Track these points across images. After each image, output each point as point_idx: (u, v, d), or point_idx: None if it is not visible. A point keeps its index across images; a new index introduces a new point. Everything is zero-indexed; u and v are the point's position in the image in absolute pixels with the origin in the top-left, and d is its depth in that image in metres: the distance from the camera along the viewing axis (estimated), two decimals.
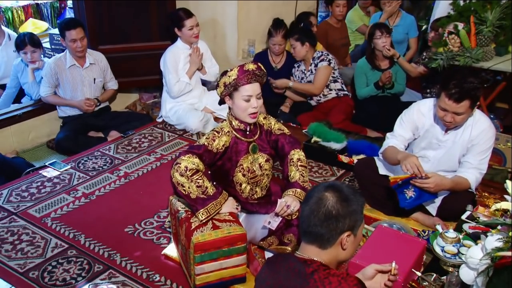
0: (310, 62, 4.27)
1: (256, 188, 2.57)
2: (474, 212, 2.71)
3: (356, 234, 1.61)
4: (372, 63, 4.28)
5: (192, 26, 4.03)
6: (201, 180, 2.29)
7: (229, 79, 2.36)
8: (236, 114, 2.44)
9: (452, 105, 2.51)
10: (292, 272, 1.56)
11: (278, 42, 4.30)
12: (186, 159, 2.29)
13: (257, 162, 2.52)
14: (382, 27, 4.20)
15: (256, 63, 2.40)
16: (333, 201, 1.56)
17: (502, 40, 3.76)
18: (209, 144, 2.37)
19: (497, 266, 1.81)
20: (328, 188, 1.60)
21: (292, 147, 2.56)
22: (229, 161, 2.47)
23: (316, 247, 1.59)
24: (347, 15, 5.27)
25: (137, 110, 4.72)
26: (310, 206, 1.59)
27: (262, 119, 2.58)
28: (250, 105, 2.38)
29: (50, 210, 3.07)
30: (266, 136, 2.56)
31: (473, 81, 2.48)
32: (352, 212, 1.57)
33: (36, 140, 4.14)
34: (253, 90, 2.37)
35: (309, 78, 4.31)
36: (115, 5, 4.19)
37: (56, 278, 2.50)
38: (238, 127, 2.46)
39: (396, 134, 2.88)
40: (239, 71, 2.35)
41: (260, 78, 2.41)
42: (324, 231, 1.56)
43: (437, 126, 2.75)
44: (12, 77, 4.25)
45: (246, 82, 2.35)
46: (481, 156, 2.68)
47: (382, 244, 2.31)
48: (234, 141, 2.45)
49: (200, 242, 2.24)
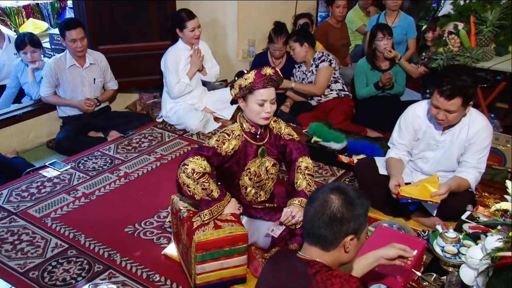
0: (311, 63, 4.27)
1: (260, 192, 2.57)
2: (474, 212, 2.71)
3: (359, 237, 1.61)
4: (372, 63, 4.28)
5: (194, 27, 4.03)
6: (207, 183, 2.29)
7: (245, 82, 2.33)
8: (248, 117, 2.42)
9: (444, 102, 2.52)
10: (295, 273, 1.56)
11: (278, 48, 4.30)
12: (194, 161, 2.26)
13: (264, 166, 2.51)
14: (384, 29, 4.19)
15: (274, 68, 2.37)
16: (339, 204, 1.55)
17: (502, 40, 3.76)
18: (218, 147, 2.35)
19: (497, 266, 1.81)
20: (334, 190, 1.59)
21: (300, 154, 2.54)
22: (236, 164, 2.46)
23: (319, 249, 1.59)
24: (347, 15, 5.27)
25: (137, 110, 4.72)
26: (315, 208, 1.58)
27: (272, 123, 2.55)
28: (264, 110, 2.36)
29: (50, 210, 3.07)
30: (275, 140, 2.55)
31: (465, 79, 2.48)
32: (356, 215, 1.56)
33: (36, 140, 4.14)
34: (268, 95, 2.35)
35: (310, 78, 4.31)
36: (115, 5, 4.19)
37: (56, 278, 2.50)
38: (249, 130, 2.44)
39: (395, 142, 2.91)
40: (256, 75, 2.32)
41: (276, 83, 2.39)
42: (328, 234, 1.56)
43: (434, 127, 2.76)
44: (12, 77, 4.25)
45: (262, 87, 2.33)
46: (479, 155, 2.69)
47: (382, 244, 2.29)
48: (244, 144, 2.43)
49: (202, 242, 2.24)
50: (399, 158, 2.88)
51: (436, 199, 2.57)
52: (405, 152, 2.90)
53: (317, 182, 3.41)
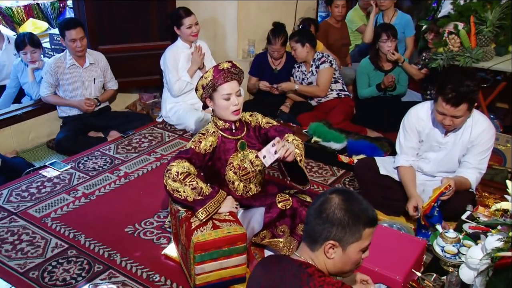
0: (311, 64, 4.27)
1: (250, 185, 2.59)
2: (474, 212, 2.71)
3: (345, 249, 1.53)
4: (375, 64, 4.27)
5: (191, 24, 4.03)
6: (194, 182, 2.31)
7: (206, 81, 2.41)
8: (219, 115, 2.48)
9: (450, 109, 2.51)
10: (288, 275, 1.55)
11: (277, 49, 4.30)
12: (175, 164, 2.32)
13: (248, 159, 2.54)
14: (389, 30, 4.15)
15: (230, 62, 2.44)
16: (335, 205, 1.52)
17: (502, 40, 3.76)
18: (196, 147, 2.41)
19: (497, 266, 1.81)
20: (341, 194, 1.55)
21: (283, 133, 2.54)
22: (218, 161, 2.50)
23: (307, 246, 1.59)
24: (347, 15, 5.26)
25: (137, 110, 4.72)
26: (316, 204, 1.57)
27: (248, 117, 2.60)
28: (231, 103, 2.42)
29: (50, 210, 3.07)
30: (254, 133, 2.58)
31: (469, 84, 2.47)
32: (344, 224, 1.50)
33: (36, 140, 4.14)
34: (231, 88, 2.41)
35: (310, 79, 4.31)
36: (115, 5, 4.19)
37: (56, 278, 2.50)
38: (224, 127, 2.49)
39: (404, 147, 2.85)
40: (214, 71, 2.39)
41: (237, 75, 2.45)
42: (312, 228, 1.55)
43: (437, 129, 2.76)
44: (12, 77, 4.25)
45: (223, 81, 2.40)
46: (481, 156, 2.68)
47: (382, 244, 2.31)
48: (221, 140, 2.48)
49: (200, 242, 2.24)
50: (409, 165, 2.83)
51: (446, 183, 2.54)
52: (414, 157, 2.85)
53: (317, 182, 3.41)
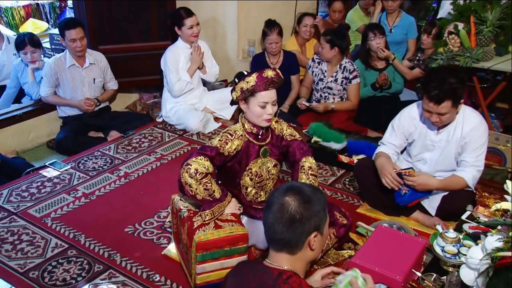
0: (336, 69, 4.15)
1: (260, 192, 2.57)
2: (474, 212, 2.71)
3: (322, 232, 1.61)
4: (366, 63, 4.28)
5: (192, 25, 4.03)
6: (209, 183, 2.28)
7: (247, 85, 2.33)
8: (250, 118, 2.42)
9: (434, 106, 2.55)
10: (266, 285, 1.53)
11: (274, 40, 4.28)
12: (197, 161, 2.25)
13: (265, 166, 2.51)
14: (375, 28, 4.19)
15: (274, 69, 2.37)
16: (295, 205, 1.54)
17: (502, 40, 3.76)
18: (221, 147, 2.35)
19: (497, 266, 1.81)
20: (288, 192, 1.58)
21: (303, 155, 2.53)
22: (238, 164, 2.46)
23: (286, 253, 1.58)
24: (347, 15, 5.28)
25: (137, 110, 4.72)
26: (273, 213, 1.57)
27: (274, 123, 2.55)
28: (265, 112, 2.36)
29: (50, 210, 3.07)
30: (276, 141, 2.55)
31: (452, 82, 2.50)
32: (316, 212, 1.56)
33: (36, 140, 4.14)
34: (269, 97, 2.35)
35: (329, 84, 4.17)
36: (115, 5, 4.19)
37: (56, 278, 2.50)
38: (251, 131, 2.44)
39: (386, 142, 2.94)
40: (258, 78, 2.32)
41: (278, 84, 2.39)
42: (291, 237, 1.55)
43: (429, 127, 2.78)
44: (12, 77, 4.25)
45: (263, 89, 2.33)
46: (476, 153, 2.69)
47: (382, 244, 2.31)
48: (246, 144, 2.44)
49: (202, 241, 2.24)
50: (387, 153, 2.89)
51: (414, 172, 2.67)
52: (394, 152, 2.91)
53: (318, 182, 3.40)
